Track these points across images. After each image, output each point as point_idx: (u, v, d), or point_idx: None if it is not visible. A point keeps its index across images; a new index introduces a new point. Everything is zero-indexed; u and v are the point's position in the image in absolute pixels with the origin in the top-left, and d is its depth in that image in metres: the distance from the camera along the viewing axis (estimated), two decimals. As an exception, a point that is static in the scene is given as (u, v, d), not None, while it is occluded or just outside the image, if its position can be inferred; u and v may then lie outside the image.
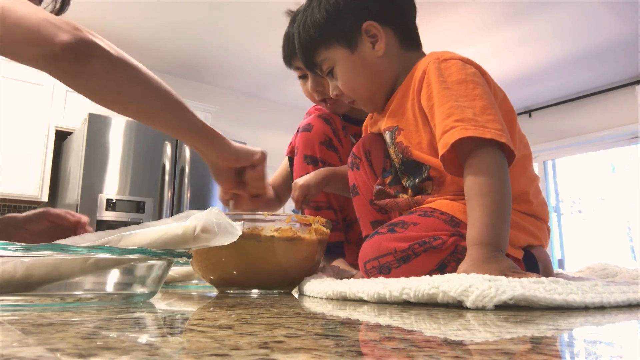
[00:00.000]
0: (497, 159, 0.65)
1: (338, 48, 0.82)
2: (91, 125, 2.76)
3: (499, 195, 0.63)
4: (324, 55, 0.84)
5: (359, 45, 0.81)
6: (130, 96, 0.69)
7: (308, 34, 0.84)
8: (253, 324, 0.35)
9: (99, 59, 0.64)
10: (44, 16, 0.62)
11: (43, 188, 2.97)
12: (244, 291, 0.78)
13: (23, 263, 0.48)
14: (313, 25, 0.83)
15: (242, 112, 4.24)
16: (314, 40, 0.84)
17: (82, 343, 0.26)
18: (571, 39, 3.27)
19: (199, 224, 0.57)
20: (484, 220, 0.61)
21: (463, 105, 0.68)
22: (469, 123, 0.65)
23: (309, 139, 1.14)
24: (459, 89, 0.70)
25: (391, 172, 0.87)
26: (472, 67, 0.74)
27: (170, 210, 2.95)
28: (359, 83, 0.83)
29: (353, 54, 0.82)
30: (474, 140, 0.65)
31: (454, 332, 0.31)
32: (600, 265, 0.93)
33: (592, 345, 0.28)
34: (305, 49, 0.86)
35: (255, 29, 3.18)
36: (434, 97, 0.72)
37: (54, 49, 0.60)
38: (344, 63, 0.83)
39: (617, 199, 4.13)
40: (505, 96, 0.78)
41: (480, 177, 0.64)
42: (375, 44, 0.81)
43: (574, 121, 4.25)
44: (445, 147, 0.66)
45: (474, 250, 0.60)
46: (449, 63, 0.74)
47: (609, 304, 0.46)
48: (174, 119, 0.75)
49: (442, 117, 0.69)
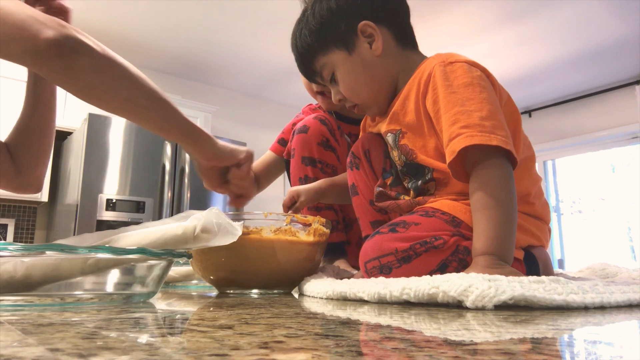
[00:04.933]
0: (504, 171, 0.65)
1: (336, 51, 0.82)
2: (91, 125, 2.76)
3: (505, 208, 0.64)
4: (323, 61, 0.84)
5: (357, 46, 0.81)
6: (116, 94, 0.69)
7: (305, 42, 0.84)
8: (253, 324, 0.35)
9: (84, 56, 0.63)
10: (29, 12, 0.61)
11: (43, 188, 2.97)
12: (244, 291, 0.78)
13: (23, 263, 0.48)
14: (309, 32, 0.83)
15: (242, 112, 4.24)
16: (312, 47, 0.84)
17: (82, 343, 0.26)
18: (571, 39, 3.27)
19: (199, 224, 0.57)
20: (490, 233, 0.62)
21: (469, 110, 0.67)
22: (475, 129, 0.65)
23: (306, 140, 1.13)
24: (465, 92, 0.70)
25: (392, 173, 0.87)
26: (478, 69, 0.73)
27: (170, 210, 2.95)
28: (360, 84, 0.83)
29: (351, 56, 0.81)
30: (480, 147, 0.65)
31: (454, 332, 0.31)
32: (600, 265, 0.93)
33: (592, 345, 0.28)
34: (303, 57, 0.86)
35: (256, 29, 3.18)
36: (439, 102, 0.71)
37: (39, 45, 0.60)
38: (344, 65, 0.82)
39: (617, 199, 4.13)
40: (509, 97, 0.78)
41: (488, 189, 0.64)
42: (372, 44, 0.81)
43: (574, 121, 4.24)
44: (452, 155, 0.66)
45: (479, 259, 0.61)
46: (454, 66, 0.73)
47: (609, 304, 0.46)
48: (160, 118, 0.75)
49: (448, 123, 0.69)
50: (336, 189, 1.02)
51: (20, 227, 3.15)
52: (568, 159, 4.44)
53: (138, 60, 3.54)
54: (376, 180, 0.89)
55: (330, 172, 1.12)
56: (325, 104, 1.18)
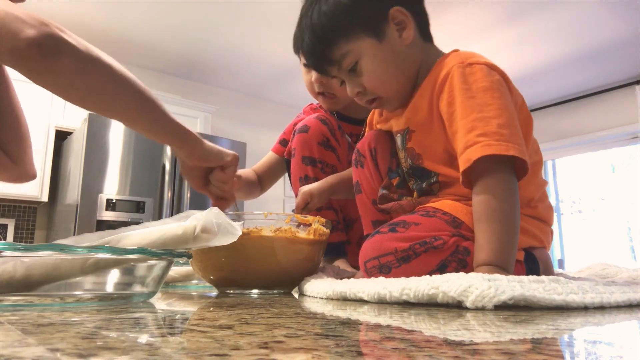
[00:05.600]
0: (511, 183, 0.65)
1: (363, 38, 0.74)
2: (91, 125, 2.76)
3: (510, 221, 0.64)
4: (346, 48, 0.75)
5: (387, 34, 0.74)
6: (100, 95, 0.67)
7: (323, 25, 0.75)
8: (253, 324, 0.35)
9: (67, 56, 0.61)
10: (9, 10, 0.59)
11: (43, 188, 2.97)
12: (244, 291, 0.78)
13: (23, 263, 0.48)
14: (330, 15, 0.74)
15: (242, 112, 4.24)
16: (334, 32, 0.74)
17: (82, 343, 0.26)
18: (571, 39, 3.27)
19: (199, 224, 0.57)
20: (494, 246, 0.62)
21: (488, 116, 0.66)
22: (492, 137, 0.64)
23: (306, 140, 1.13)
24: (484, 97, 0.68)
25: (398, 173, 0.86)
26: (497, 73, 0.71)
27: (170, 210, 2.95)
28: (390, 75, 0.77)
29: (381, 43, 0.74)
30: (494, 156, 0.64)
31: (454, 332, 0.31)
32: (600, 265, 0.93)
33: (592, 345, 0.28)
34: (320, 43, 0.76)
35: (256, 29, 3.18)
36: (456, 105, 0.69)
37: (19, 45, 0.57)
38: (373, 54, 0.75)
39: (617, 199, 4.13)
40: (523, 101, 0.76)
41: (493, 201, 0.64)
42: (402, 32, 0.75)
43: (574, 121, 4.24)
44: (467, 163, 0.65)
45: (481, 269, 0.61)
46: (474, 68, 0.70)
47: (609, 304, 0.46)
48: (147, 119, 0.73)
49: (465, 130, 0.67)
50: (345, 184, 1.01)
51: (20, 227, 3.15)
52: (568, 159, 4.44)
53: (138, 61, 3.54)
54: (380, 180, 0.88)
55: (330, 172, 1.12)
56: (326, 105, 1.18)
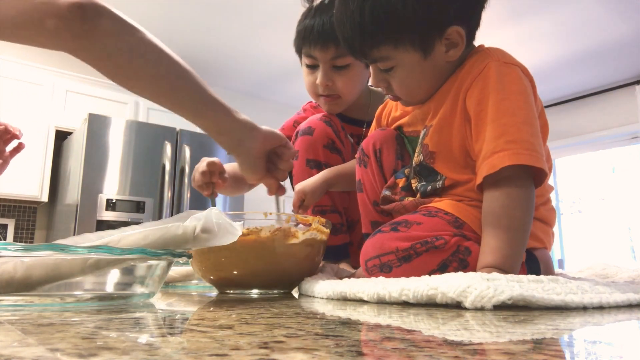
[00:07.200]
0: (531, 193, 0.65)
1: (410, 51, 0.71)
2: (91, 125, 2.76)
3: (525, 232, 0.64)
4: (388, 54, 0.72)
5: (434, 49, 0.71)
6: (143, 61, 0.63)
7: (374, 26, 0.69)
8: (253, 324, 0.35)
9: (107, 18, 0.60)
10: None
11: (43, 188, 2.97)
12: (244, 291, 0.78)
13: (23, 263, 0.48)
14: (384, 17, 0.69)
15: (242, 112, 4.21)
16: (382, 35, 0.70)
17: (82, 343, 0.26)
18: (571, 39, 3.27)
19: (199, 224, 0.57)
20: (503, 252, 0.62)
21: (519, 122, 0.65)
22: (522, 146, 0.63)
23: (311, 143, 1.10)
24: (517, 101, 0.67)
25: (404, 174, 0.85)
26: (527, 80, 0.71)
27: (170, 210, 2.95)
28: (421, 88, 0.76)
29: (425, 60, 0.72)
30: (522, 165, 0.63)
31: (454, 332, 0.31)
32: (600, 265, 0.93)
33: (592, 345, 0.28)
34: (363, 40, 0.72)
35: (255, 29, 3.18)
36: (487, 105, 0.67)
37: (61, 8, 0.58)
38: (412, 68, 0.73)
39: (617, 199, 4.13)
40: (543, 108, 0.75)
41: (510, 209, 0.64)
42: (450, 49, 0.72)
43: (573, 121, 4.24)
44: (492, 169, 0.64)
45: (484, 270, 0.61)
46: (510, 68, 0.69)
47: (608, 304, 0.46)
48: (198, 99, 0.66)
49: (494, 134, 0.65)
50: (344, 177, 1.00)
51: (20, 227, 3.15)
52: (568, 159, 4.44)
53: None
54: (383, 182, 0.87)
55: None
56: (328, 107, 1.14)
